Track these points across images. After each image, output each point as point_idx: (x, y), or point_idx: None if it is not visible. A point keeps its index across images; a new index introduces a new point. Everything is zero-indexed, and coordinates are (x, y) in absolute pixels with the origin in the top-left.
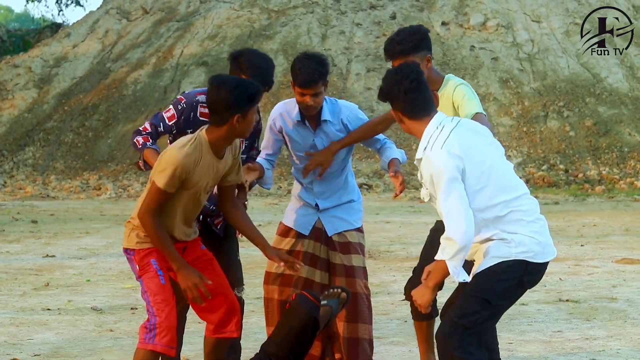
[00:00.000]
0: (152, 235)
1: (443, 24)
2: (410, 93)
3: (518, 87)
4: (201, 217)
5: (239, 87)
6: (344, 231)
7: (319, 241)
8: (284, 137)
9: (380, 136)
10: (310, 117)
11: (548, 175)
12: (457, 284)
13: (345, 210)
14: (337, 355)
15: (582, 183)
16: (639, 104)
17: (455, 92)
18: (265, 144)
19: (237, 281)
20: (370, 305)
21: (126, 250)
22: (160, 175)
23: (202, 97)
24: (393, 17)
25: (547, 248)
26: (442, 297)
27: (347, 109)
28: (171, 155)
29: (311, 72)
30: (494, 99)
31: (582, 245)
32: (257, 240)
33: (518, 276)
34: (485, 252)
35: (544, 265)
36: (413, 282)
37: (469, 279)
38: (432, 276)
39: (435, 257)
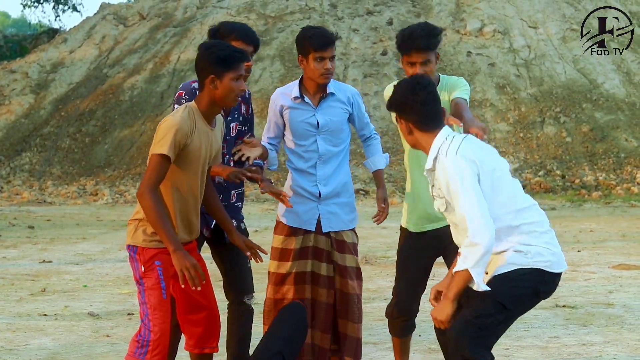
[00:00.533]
0: (150, 212)
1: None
2: (426, 104)
3: (515, 93)
4: (213, 224)
5: (212, 47)
6: (340, 230)
7: (321, 234)
8: (283, 119)
9: (371, 126)
10: (314, 92)
11: (545, 181)
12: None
13: (342, 208)
14: (332, 347)
15: (579, 189)
16: (636, 109)
17: (458, 80)
18: (267, 127)
19: (247, 289)
20: (360, 305)
21: (129, 247)
22: (160, 144)
23: (197, 84)
24: (390, 22)
25: (560, 259)
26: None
27: (351, 90)
28: (167, 122)
29: (328, 33)
30: (491, 104)
31: (578, 251)
32: (225, 223)
33: (534, 285)
34: (501, 260)
35: (558, 276)
36: (400, 306)
37: (488, 289)
38: (452, 287)
39: (454, 270)
